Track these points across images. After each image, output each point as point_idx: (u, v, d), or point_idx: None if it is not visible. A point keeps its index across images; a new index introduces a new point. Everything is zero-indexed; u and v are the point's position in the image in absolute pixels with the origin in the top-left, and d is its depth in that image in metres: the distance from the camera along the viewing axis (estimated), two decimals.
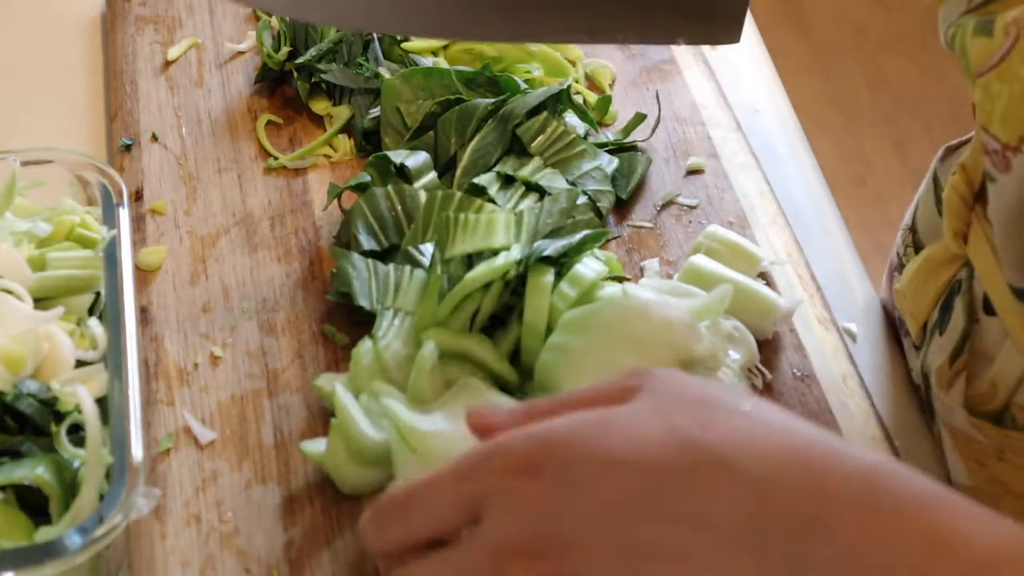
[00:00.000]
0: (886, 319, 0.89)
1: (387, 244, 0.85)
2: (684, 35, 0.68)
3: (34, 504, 0.69)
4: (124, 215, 0.81)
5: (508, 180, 0.88)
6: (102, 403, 0.72)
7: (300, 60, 0.97)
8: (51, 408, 0.72)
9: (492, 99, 0.91)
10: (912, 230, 0.86)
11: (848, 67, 2.50)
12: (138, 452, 0.69)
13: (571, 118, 0.93)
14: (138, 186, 0.92)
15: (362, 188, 0.87)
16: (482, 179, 0.87)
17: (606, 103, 0.97)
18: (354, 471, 0.74)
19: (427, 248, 0.83)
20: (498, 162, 0.90)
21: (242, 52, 1.02)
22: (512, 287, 0.79)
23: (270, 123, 0.97)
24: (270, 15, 1.01)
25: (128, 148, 0.95)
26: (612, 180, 0.90)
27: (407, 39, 0.98)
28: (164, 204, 0.91)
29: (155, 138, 0.95)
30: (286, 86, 0.99)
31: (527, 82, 0.94)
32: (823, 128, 2.37)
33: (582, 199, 0.87)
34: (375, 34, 0.98)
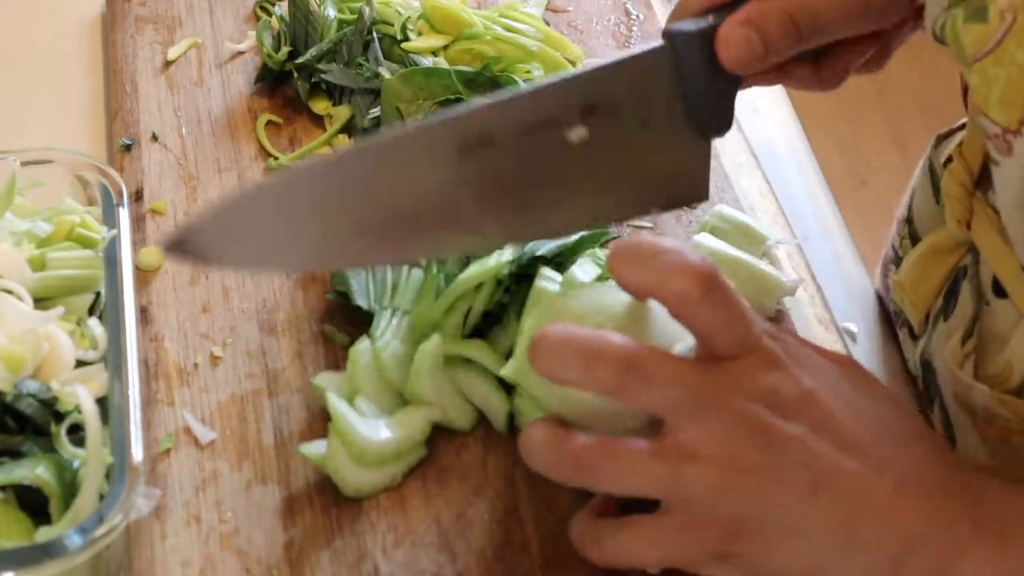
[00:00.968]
0: (884, 317, 0.89)
1: None
2: (657, 207, 0.73)
3: (34, 504, 0.69)
4: (124, 215, 0.81)
5: None
6: (102, 403, 0.72)
7: (300, 60, 0.97)
8: (51, 408, 0.72)
9: None
10: (908, 221, 0.87)
11: None
12: (138, 452, 0.70)
13: None
14: (138, 186, 0.92)
15: None
16: None
17: None
18: (356, 473, 0.74)
19: None
20: None
21: (242, 52, 1.02)
22: (505, 286, 0.79)
23: (270, 123, 0.97)
24: (270, 15, 1.01)
25: (128, 148, 0.95)
26: None
27: (407, 39, 0.98)
28: (164, 204, 0.91)
29: (155, 138, 0.95)
30: (286, 86, 0.99)
31: (527, 82, 0.94)
32: (823, 128, 2.37)
33: None
34: (375, 34, 0.98)
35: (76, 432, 0.71)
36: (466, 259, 0.80)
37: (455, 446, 0.77)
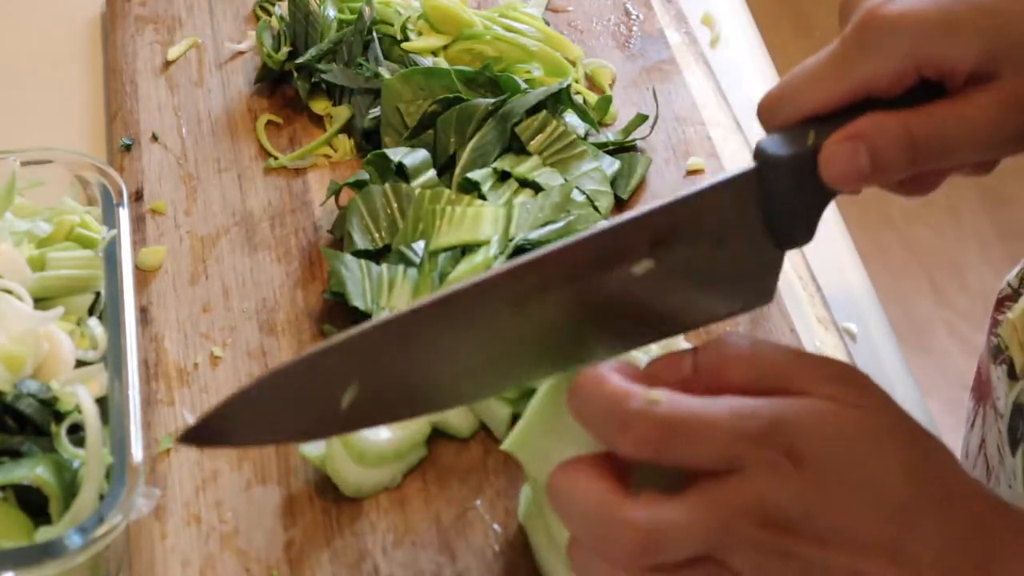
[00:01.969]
0: (885, 318, 0.89)
1: (381, 244, 0.85)
2: (718, 317, 0.67)
3: (34, 504, 0.69)
4: (124, 215, 0.81)
5: (504, 177, 0.88)
6: (102, 403, 0.72)
7: (300, 60, 0.97)
8: (51, 408, 0.72)
9: (492, 99, 0.91)
10: None
11: None
12: (138, 452, 0.70)
13: (571, 118, 0.93)
14: (138, 186, 0.92)
15: (360, 185, 0.87)
16: (477, 174, 0.87)
17: (606, 103, 0.97)
18: (356, 473, 0.74)
19: (419, 246, 0.83)
20: (496, 160, 0.90)
21: (242, 52, 1.02)
22: None
23: (270, 123, 0.97)
24: (270, 15, 1.02)
25: (128, 148, 0.95)
26: (612, 181, 0.90)
27: (407, 39, 0.98)
28: (164, 204, 0.91)
29: (155, 138, 0.96)
30: (286, 86, 0.99)
31: (527, 82, 0.94)
32: None
33: (580, 197, 0.87)
34: (375, 34, 0.98)
35: (76, 432, 0.71)
36: (459, 255, 0.80)
37: (455, 446, 0.77)
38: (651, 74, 1.01)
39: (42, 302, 0.78)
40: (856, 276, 0.91)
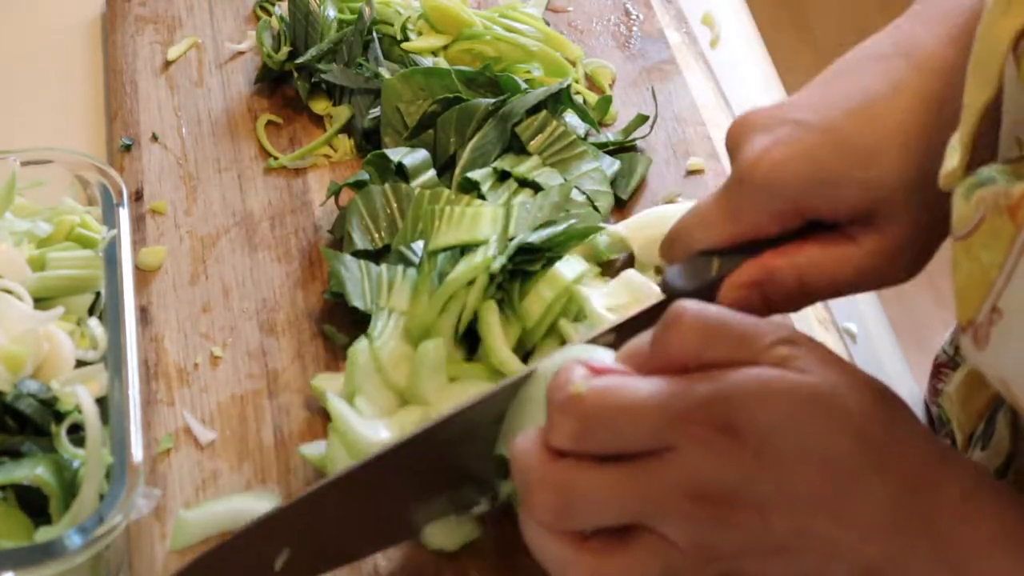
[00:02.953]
0: (885, 318, 0.89)
1: (380, 244, 0.85)
2: None
3: (34, 504, 0.69)
4: (124, 215, 0.81)
5: (504, 177, 0.88)
6: (102, 403, 0.72)
7: (300, 60, 0.97)
8: (51, 408, 0.72)
9: (492, 99, 0.91)
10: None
11: None
12: (138, 452, 0.70)
13: (571, 118, 0.93)
14: (138, 186, 0.92)
15: (360, 186, 0.87)
16: (477, 174, 0.87)
17: (606, 103, 0.97)
18: None
19: (418, 246, 0.83)
20: (496, 160, 0.90)
21: (242, 52, 1.02)
22: (498, 282, 0.79)
23: (270, 123, 0.97)
24: (270, 15, 1.02)
25: (128, 148, 0.95)
26: (612, 181, 0.90)
27: (407, 39, 0.98)
28: (164, 204, 0.91)
29: (155, 138, 0.96)
30: (286, 86, 0.99)
31: (527, 82, 0.94)
32: None
33: (580, 197, 0.87)
34: (375, 34, 0.98)
35: (76, 432, 0.71)
36: (458, 255, 0.80)
37: None
38: (651, 74, 1.01)
39: (42, 302, 0.78)
40: None
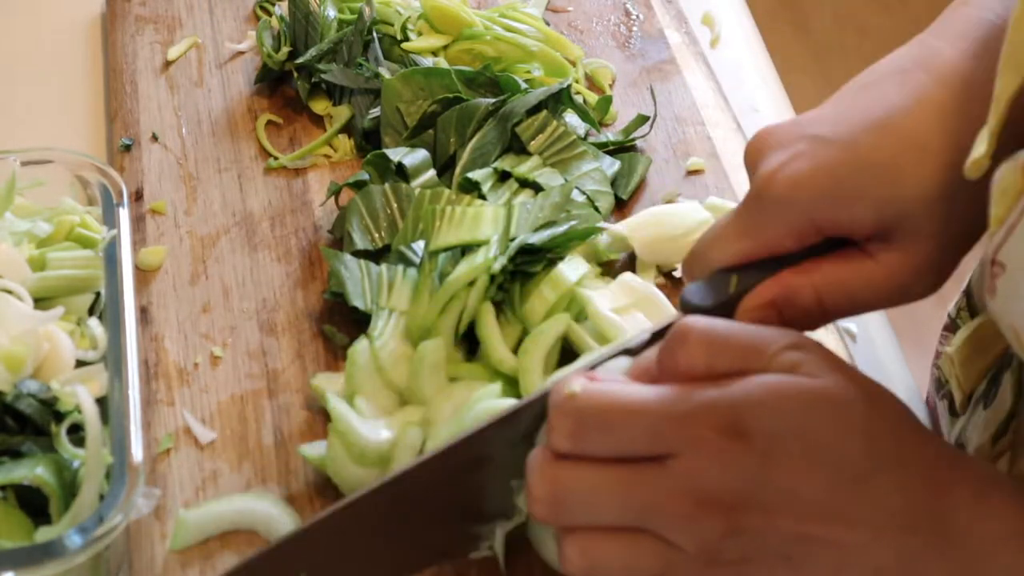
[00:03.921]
0: (886, 318, 0.89)
1: (380, 244, 0.85)
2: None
3: (34, 504, 0.69)
4: (124, 215, 0.81)
5: (505, 177, 0.88)
6: (102, 403, 0.72)
7: (300, 60, 0.97)
8: (51, 408, 0.72)
9: (492, 99, 0.91)
10: (967, 293, 0.84)
11: (848, 67, 2.49)
12: (138, 452, 0.70)
13: (571, 118, 0.93)
14: (138, 186, 0.92)
15: (360, 186, 0.87)
16: (477, 174, 0.87)
17: (607, 103, 0.97)
18: (356, 473, 0.74)
19: (418, 247, 0.83)
20: (497, 160, 0.90)
21: (242, 52, 1.02)
22: (499, 283, 0.79)
23: (270, 123, 0.97)
24: (270, 15, 1.02)
25: (128, 148, 0.95)
26: (612, 181, 0.90)
27: (407, 39, 0.98)
28: (164, 204, 0.91)
29: (155, 138, 0.96)
30: (286, 86, 0.99)
31: (527, 82, 0.94)
32: None
33: (580, 198, 0.87)
34: (375, 34, 0.98)
35: (76, 432, 0.71)
36: (459, 255, 0.80)
37: None
38: (651, 74, 1.01)
39: (42, 302, 0.78)
40: None
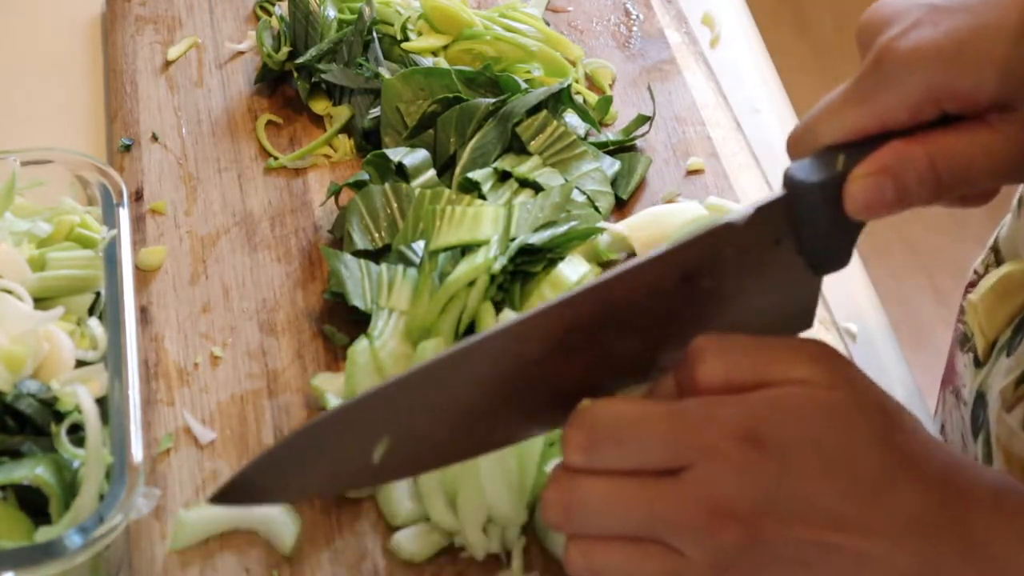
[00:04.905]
0: (886, 318, 0.89)
1: (381, 244, 0.85)
2: None
3: (34, 504, 0.69)
4: (124, 215, 0.81)
5: (505, 177, 0.88)
6: (102, 403, 0.72)
7: (300, 60, 0.97)
8: (51, 408, 0.72)
9: (492, 99, 0.91)
10: (995, 249, 0.84)
11: (848, 67, 2.50)
12: (138, 452, 0.70)
13: (571, 118, 0.93)
14: (138, 186, 0.92)
15: (360, 186, 0.87)
16: (477, 174, 0.87)
17: (607, 103, 0.97)
18: None
19: (419, 246, 0.83)
20: (497, 160, 0.90)
21: (242, 52, 1.02)
22: (499, 283, 0.79)
23: (270, 123, 0.97)
24: (270, 15, 1.01)
25: (128, 148, 0.95)
26: (612, 181, 0.90)
27: (407, 39, 0.98)
28: (164, 204, 0.91)
29: (155, 138, 0.96)
30: (286, 86, 0.99)
31: (527, 82, 0.94)
32: None
33: (580, 198, 0.87)
34: (375, 34, 0.98)
35: (76, 432, 0.71)
36: (459, 255, 0.80)
37: None
38: (651, 74, 1.01)
39: (42, 302, 0.78)
40: (856, 276, 0.91)
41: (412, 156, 0.88)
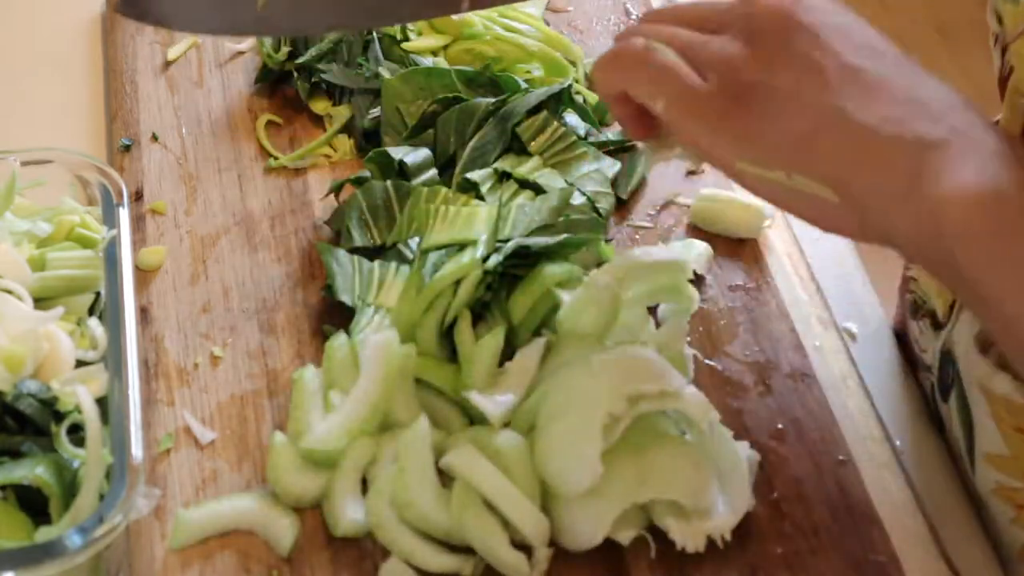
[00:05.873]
0: (886, 318, 0.89)
1: (379, 241, 0.85)
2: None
3: (34, 504, 0.69)
4: (124, 215, 0.81)
5: (505, 177, 0.88)
6: (102, 403, 0.72)
7: (300, 60, 0.97)
8: (51, 408, 0.72)
9: (492, 99, 0.91)
10: None
11: None
12: (138, 452, 0.70)
13: (572, 118, 0.93)
14: (138, 186, 0.92)
15: (362, 182, 0.87)
16: (476, 175, 0.87)
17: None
18: (300, 477, 0.74)
19: (415, 244, 0.83)
20: (497, 160, 0.89)
21: (242, 52, 1.02)
22: (487, 283, 0.79)
23: (270, 123, 0.97)
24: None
25: (128, 148, 0.95)
26: (612, 181, 0.90)
27: (407, 39, 0.98)
28: (164, 204, 0.91)
29: (155, 138, 0.96)
30: (286, 86, 0.99)
31: (527, 82, 0.94)
32: None
33: (581, 200, 0.87)
34: (375, 34, 0.98)
35: (76, 432, 0.71)
36: (454, 254, 0.80)
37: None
38: None
39: (42, 302, 0.78)
40: (856, 276, 0.91)
41: (414, 154, 0.88)
